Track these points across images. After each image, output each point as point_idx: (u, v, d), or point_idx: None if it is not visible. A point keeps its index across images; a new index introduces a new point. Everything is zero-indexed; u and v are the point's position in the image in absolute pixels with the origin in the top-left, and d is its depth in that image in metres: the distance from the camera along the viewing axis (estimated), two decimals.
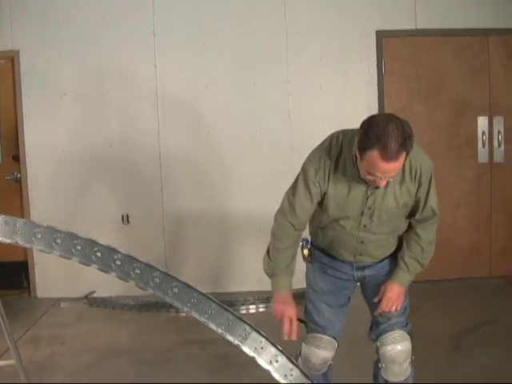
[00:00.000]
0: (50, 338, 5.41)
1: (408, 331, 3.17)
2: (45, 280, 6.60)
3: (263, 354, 2.17)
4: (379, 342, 3.16)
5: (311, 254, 3.29)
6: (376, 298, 3.13)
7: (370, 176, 2.71)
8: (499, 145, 6.62)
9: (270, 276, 3.10)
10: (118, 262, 2.01)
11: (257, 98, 6.47)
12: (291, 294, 3.08)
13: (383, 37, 6.47)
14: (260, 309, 6.04)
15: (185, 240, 6.64)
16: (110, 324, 5.79)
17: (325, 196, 2.97)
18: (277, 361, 2.18)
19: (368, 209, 2.95)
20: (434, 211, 3.04)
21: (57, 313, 6.14)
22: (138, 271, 2.03)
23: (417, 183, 2.92)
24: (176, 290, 2.08)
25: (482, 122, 6.60)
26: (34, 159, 6.49)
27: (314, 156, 2.97)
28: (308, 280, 3.30)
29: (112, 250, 2.02)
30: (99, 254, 2.00)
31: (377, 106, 6.49)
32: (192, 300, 2.08)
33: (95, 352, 5.05)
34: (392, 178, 2.76)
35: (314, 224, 3.18)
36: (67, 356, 5.01)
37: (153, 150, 6.49)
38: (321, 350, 3.20)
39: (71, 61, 6.40)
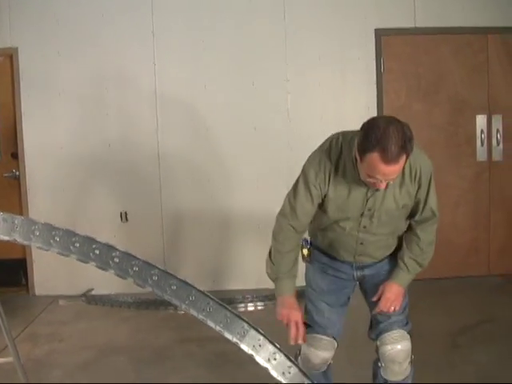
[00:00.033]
0: (49, 336, 5.41)
1: (408, 331, 3.17)
2: (43, 277, 6.59)
3: (261, 352, 2.17)
4: (379, 341, 3.16)
5: (310, 254, 3.30)
6: (375, 297, 3.13)
7: (370, 178, 2.71)
8: (498, 143, 6.62)
9: (274, 280, 3.10)
10: (116, 260, 2.01)
11: (256, 97, 6.47)
12: (295, 298, 3.09)
13: (382, 35, 6.46)
14: (258, 307, 6.04)
15: (183, 238, 6.64)
16: (109, 321, 5.79)
17: (325, 198, 2.96)
18: (275, 358, 2.18)
19: (368, 210, 2.95)
20: (434, 212, 3.04)
21: (55, 310, 6.14)
22: (136, 269, 2.03)
23: (416, 184, 2.92)
24: (174, 288, 2.08)
25: (481, 121, 6.60)
26: (33, 157, 6.49)
27: (314, 158, 2.96)
28: (308, 279, 3.30)
29: (110, 248, 2.02)
30: (97, 252, 2.00)
31: (376, 105, 6.49)
32: (190, 297, 2.08)
33: (93, 349, 5.04)
34: (392, 181, 2.77)
35: (314, 225, 3.18)
36: (65, 353, 5.01)
37: (151, 149, 6.48)
38: (321, 351, 3.20)
39: (70, 59, 6.39)
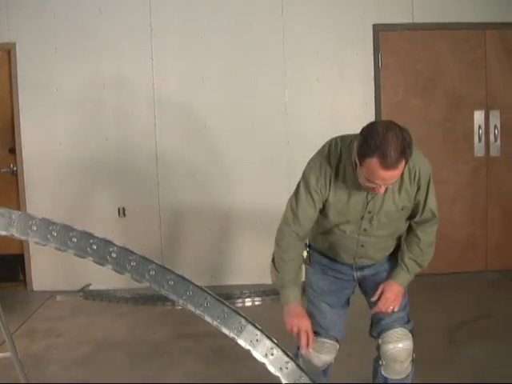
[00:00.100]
0: (46, 331, 5.41)
1: (410, 329, 3.16)
2: (41, 273, 6.59)
3: (259, 347, 2.17)
4: (381, 340, 3.14)
5: (310, 256, 3.31)
6: (374, 297, 3.12)
7: (369, 183, 2.70)
8: (495, 139, 6.62)
9: (279, 288, 3.10)
10: (114, 255, 2.01)
11: (253, 93, 6.46)
12: (302, 306, 3.11)
13: (380, 30, 6.45)
14: (256, 302, 6.03)
15: (181, 233, 6.64)
16: (106, 317, 5.79)
17: (325, 202, 2.96)
18: (272, 354, 2.19)
19: (368, 213, 2.95)
20: (434, 213, 3.04)
21: (53, 306, 6.14)
22: (134, 264, 2.03)
23: (416, 186, 2.92)
24: (171, 283, 2.08)
25: (479, 116, 6.60)
26: (31, 152, 6.47)
27: (315, 163, 2.95)
28: (308, 282, 3.29)
29: (107, 243, 2.02)
30: (95, 247, 2.00)
31: (373, 100, 6.49)
32: (187, 293, 2.08)
33: (91, 345, 5.05)
34: (391, 185, 2.77)
35: (314, 229, 3.16)
36: (63, 349, 5.01)
37: (149, 143, 6.48)
38: (323, 355, 3.21)
39: (67, 55, 6.37)
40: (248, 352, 2.14)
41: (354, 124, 6.48)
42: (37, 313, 5.92)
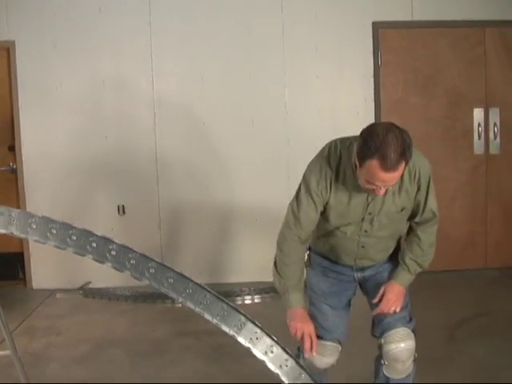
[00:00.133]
0: (46, 329, 5.41)
1: (412, 328, 3.15)
2: (40, 271, 6.59)
3: (258, 345, 2.17)
4: (383, 340, 3.13)
5: (310, 259, 3.31)
6: (376, 299, 3.12)
7: (369, 185, 2.71)
8: (495, 137, 6.62)
9: (283, 293, 3.09)
10: (113, 253, 2.01)
11: (253, 91, 6.46)
12: (305, 309, 3.11)
13: (379, 28, 6.45)
14: (255, 300, 6.04)
15: (181, 231, 6.63)
16: (106, 315, 5.79)
17: (326, 205, 2.96)
18: (272, 351, 2.19)
19: (368, 214, 2.96)
20: (434, 213, 3.04)
21: (52, 304, 6.14)
22: (134, 261, 2.03)
23: (416, 185, 2.92)
24: (171, 281, 2.08)
25: (478, 114, 6.60)
26: (30, 150, 6.47)
27: (315, 166, 2.95)
28: (309, 284, 3.28)
29: (107, 241, 2.02)
30: (94, 245, 2.00)
31: (373, 98, 6.49)
32: (187, 290, 2.08)
33: (91, 343, 5.05)
34: (391, 187, 2.78)
35: (314, 232, 3.16)
36: (63, 347, 5.01)
37: (149, 141, 6.47)
38: (325, 358, 3.21)
39: (67, 53, 6.36)
40: (248, 350, 2.14)
41: (354, 122, 6.52)
42: (36, 311, 5.92)
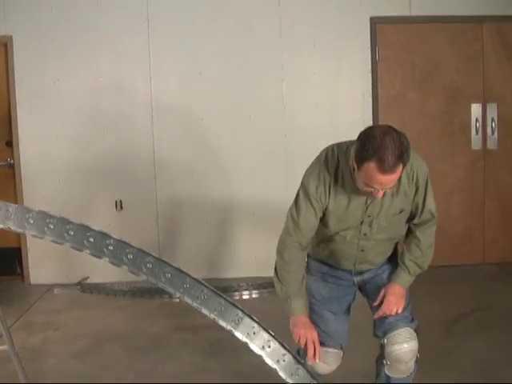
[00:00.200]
0: (44, 324, 5.41)
1: (415, 328, 3.14)
2: (38, 266, 6.59)
3: (256, 340, 2.17)
4: (386, 340, 3.10)
5: (308, 265, 3.31)
6: (377, 302, 3.12)
7: (367, 187, 2.71)
8: (492, 132, 6.62)
9: (285, 300, 3.09)
10: (111, 248, 2.01)
11: (251, 85, 6.45)
12: (308, 316, 3.11)
13: (377, 23, 6.44)
14: (253, 295, 6.04)
15: (178, 226, 6.64)
16: (104, 310, 5.79)
17: (325, 210, 2.96)
18: (269, 346, 2.19)
19: (368, 217, 2.96)
20: (433, 214, 3.06)
21: (50, 299, 6.14)
22: (131, 256, 2.03)
23: (414, 187, 2.93)
24: (169, 276, 2.09)
25: (476, 109, 6.60)
26: (28, 145, 6.46)
27: (313, 171, 2.95)
28: (309, 290, 3.26)
29: (104, 236, 2.02)
30: (92, 240, 2.00)
31: (370, 93, 6.49)
32: (184, 285, 2.09)
33: (88, 338, 5.05)
34: (389, 190, 2.79)
35: (313, 238, 3.16)
36: (60, 342, 5.01)
37: (146, 136, 6.46)
38: (328, 365, 3.22)
39: (64, 47, 6.35)
40: (245, 344, 2.14)
41: (352, 117, 6.53)
42: (34, 306, 5.92)
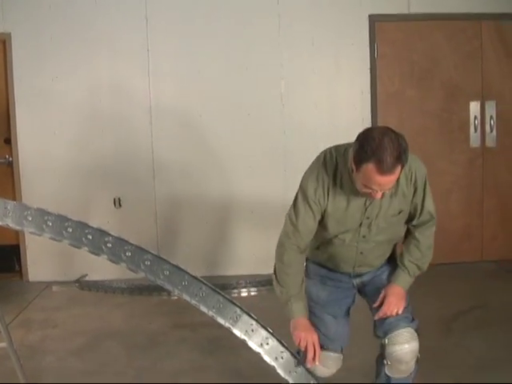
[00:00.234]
0: (42, 322, 5.41)
1: (416, 328, 3.14)
2: (36, 263, 6.58)
3: (254, 337, 2.18)
4: (387, 340, 3.09)
5: (306, 269, 3.30)
6: (377, 303, 3.11)
7: (366, 189, 2.72)
8: (491, 129, 6.62)
9: (285, 303, 3.08)
10: (109, 245, 2.01)
11: (249, 83, 6.45)
12: (308, 318, 3.10)
13: (376, 21, 6.44)
14: (252, 292, 6.04)
15: (177, 223, 6.63)
16: (102, 307, 5.79)
17: (324, 213, 2.96)
18: (267, 343, 2.20)
19: (366, 219, 2.96)
20: (432, 215, 3.06)
21: (48, 296, 6.14)
22: (129, 254, 2.03)
23: (413, 188, 2.93)
24: (167, 273, 2.09)
25: (475, 107, 6.60)
26: (26, 143, 6.46)
27: (312, 173, 2.95)
28: (308, 294, 3.24)
29: (103, 233, 2.02)
30: (90, 237, 2.00)
31: (369, 90, 6.48)
32: (183, 282, 2.09)
33: (87, 335, 5.05)
34: (388, 191, 2.79)
35: (312, 241, 3.16)
36: (59, 339, 5.01)
37: (145, 134, 6.46)
38: (328, 369, 3.21)
39: (63, 45, 6.34)
40: (243, 342, 2.14)
41: (351, 114, 6.52)
42: (33, 303, 5.92)
